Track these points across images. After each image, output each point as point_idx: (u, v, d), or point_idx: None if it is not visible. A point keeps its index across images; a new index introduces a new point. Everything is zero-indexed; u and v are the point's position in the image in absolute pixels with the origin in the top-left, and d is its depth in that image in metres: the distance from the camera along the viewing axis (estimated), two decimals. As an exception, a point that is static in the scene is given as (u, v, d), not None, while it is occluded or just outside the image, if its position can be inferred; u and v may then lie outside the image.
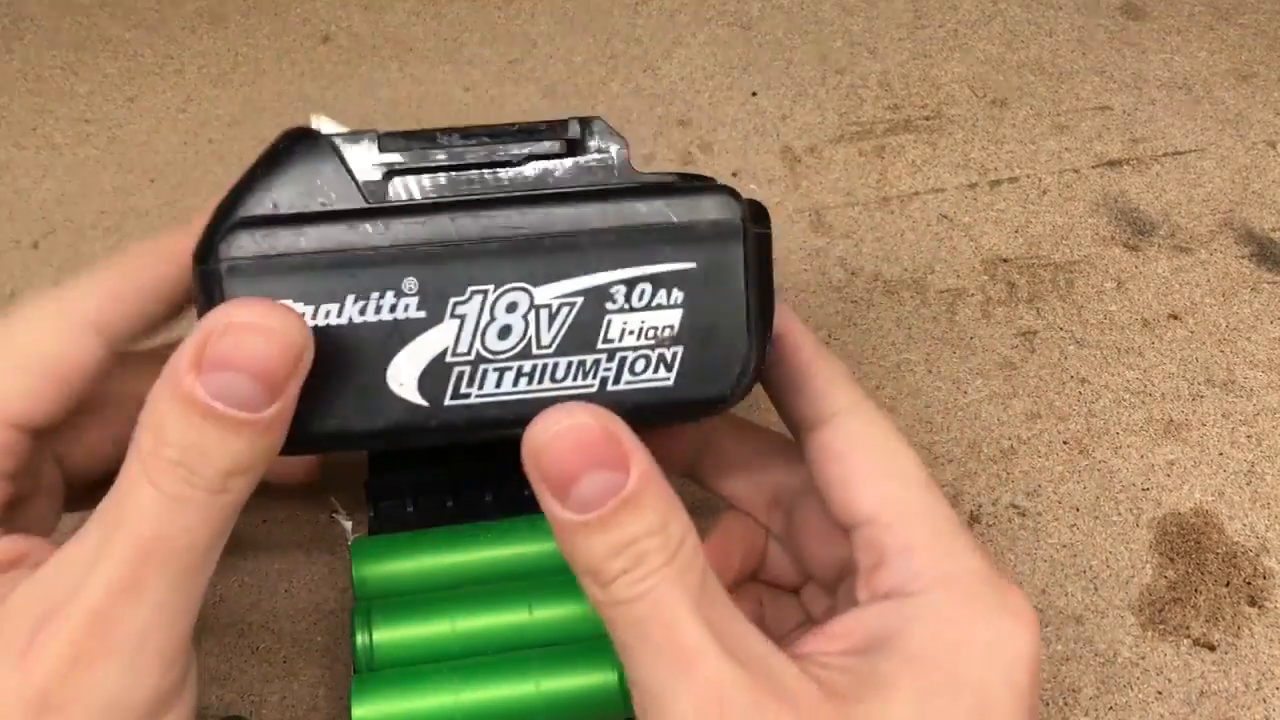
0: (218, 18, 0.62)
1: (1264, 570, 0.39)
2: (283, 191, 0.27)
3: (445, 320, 0.26)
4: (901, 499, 0.28)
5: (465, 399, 0.27)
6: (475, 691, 0.32)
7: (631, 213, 0.26)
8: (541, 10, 0.62)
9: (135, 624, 0.24)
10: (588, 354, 0.27)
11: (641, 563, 0.24)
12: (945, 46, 0.60)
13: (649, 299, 0.27)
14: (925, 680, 0.25)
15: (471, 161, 0.27)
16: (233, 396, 0.23)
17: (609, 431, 0.25)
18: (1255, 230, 0.50)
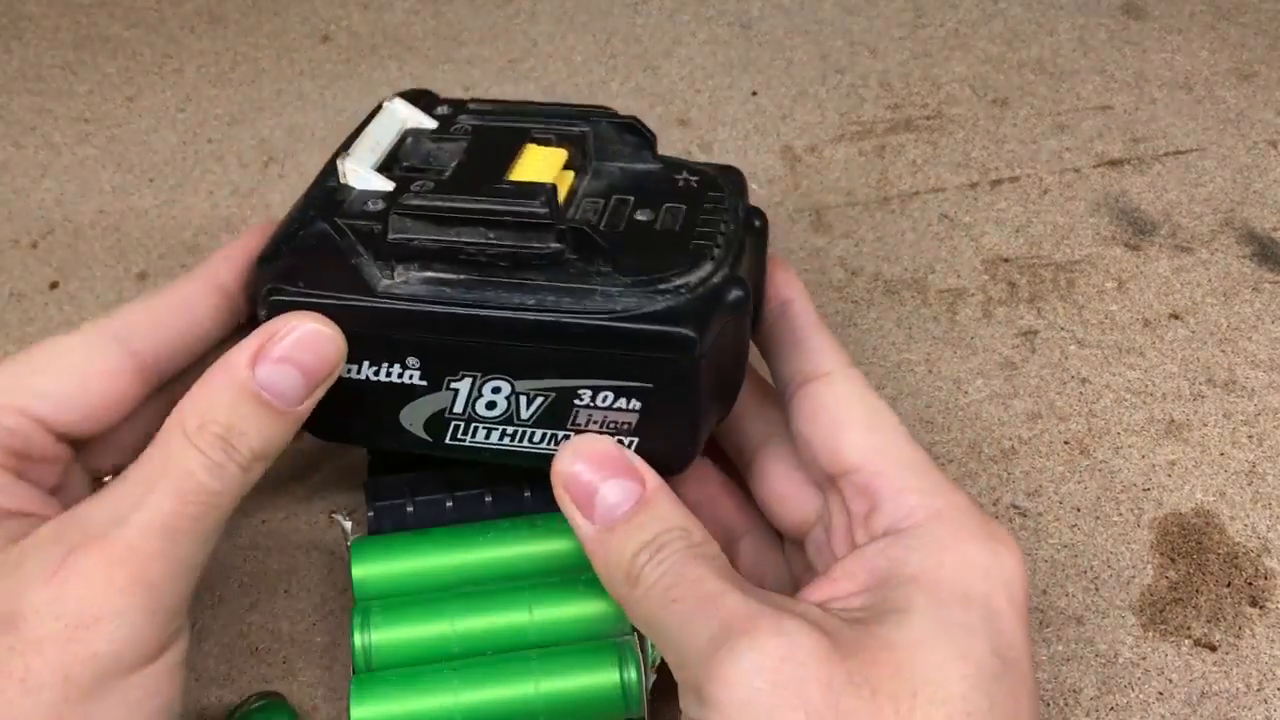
0: (217, 17, 0.62)
1: (1265, 570, 0.39)
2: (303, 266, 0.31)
3: (443, 390, 0.32)
4: (888, 448, 0.30)
5: (461, 442, 0.33)
6: (474, 692, 0.32)
7: (600, 340, 0.30)
8: (541, 10, 0.62)
9: (163, 565, 0.27)
10: (559, 429, 0.32)
11: (664, 550, 0.28)
12: (945, 46, 0.60)
13: (611, 402, 0.31)
14: (937, 599, 0.27)
15: (468, 260, 0.30)
16: (277, 389, 0.28)
17: (621, 451, 0.30)
18: (1256, 230, 0.50)
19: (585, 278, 0.30)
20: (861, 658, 0.25)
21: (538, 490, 0.37)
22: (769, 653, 0.25)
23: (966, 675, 0.26)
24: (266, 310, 0.31)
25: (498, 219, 0.30)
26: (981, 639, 0.26)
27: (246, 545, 0.40)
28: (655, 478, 0.29)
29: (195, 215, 0.52)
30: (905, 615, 0.26)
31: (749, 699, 0.25)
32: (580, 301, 0.30)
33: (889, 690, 0.25)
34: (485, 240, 0.30)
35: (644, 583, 0.28)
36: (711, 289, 0.30)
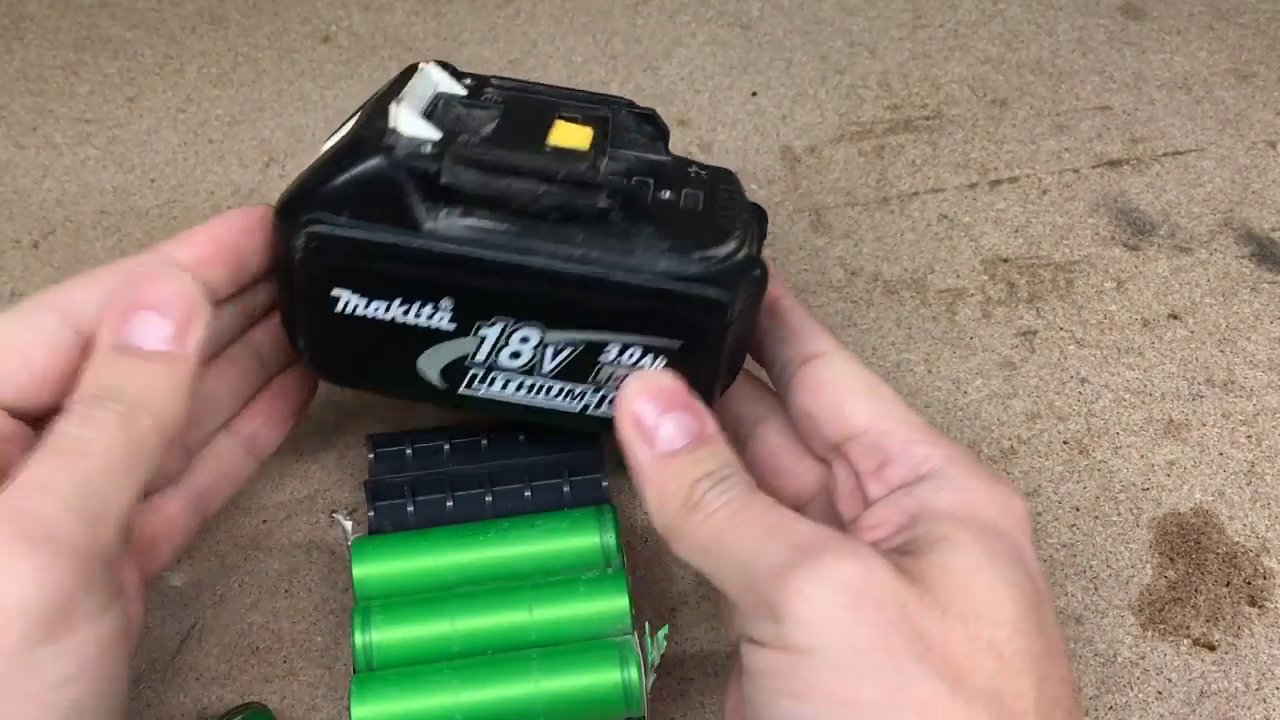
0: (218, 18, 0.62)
1: (1264, 570, 0.39)
2: (352, 196, 0.31)
3: (470, 336, 0.32)
4: (890, 411, 0.32)
5: (475, 392, 0.33)
6: (475, 691, 0.32)
7: (640, 295, 0.31)
8: (541, 10, 0.62)
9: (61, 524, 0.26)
10: (578, 384, 0.33)
11: (724, 482, 0.29)
12: (945, 46, 0.60)
13: (636, 359, 0.32)
14: (973, 531, 0.28)
15: (518, 209, 0.31)
16: (138, 336, 0.29)
17: (685, 389, 0.31)
18: (1255, 230, 0.50)
19: (626, 238, 0.31)
20: (926, 582, 0.27)
21: (538, 490, 0.37)
22: (849, 573, 0.26)
23: (1017, 600, 0.27)
24: (305, 239, 0.31)
25: (551, 174, 0.31)
26: (1018, 567, 0.28)
27: (247, 545, 0.40)
28: (713, 421, 0.31)
29: (196, 216, 0.52)
30: (952, 544, 0.28)
31: (830, 614, 0.26)
32: (624, 259, 0.31)
33: (958, 610, 0.26)
34: (538, 192, 0.31)
35: (705, 508, 0.29)
36: (739, 262, 0.32)
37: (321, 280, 0.32)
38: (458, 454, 0.38)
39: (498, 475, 0.37)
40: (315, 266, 0.31)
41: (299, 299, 0.33)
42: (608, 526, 0.36)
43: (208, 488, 0.36)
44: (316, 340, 0.33)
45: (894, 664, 0.25)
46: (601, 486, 0.37)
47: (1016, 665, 0.26)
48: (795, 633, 0.26)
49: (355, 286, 0.32)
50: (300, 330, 0.33)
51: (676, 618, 0.38)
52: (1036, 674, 0.26)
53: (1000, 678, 0.26)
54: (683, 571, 0.39)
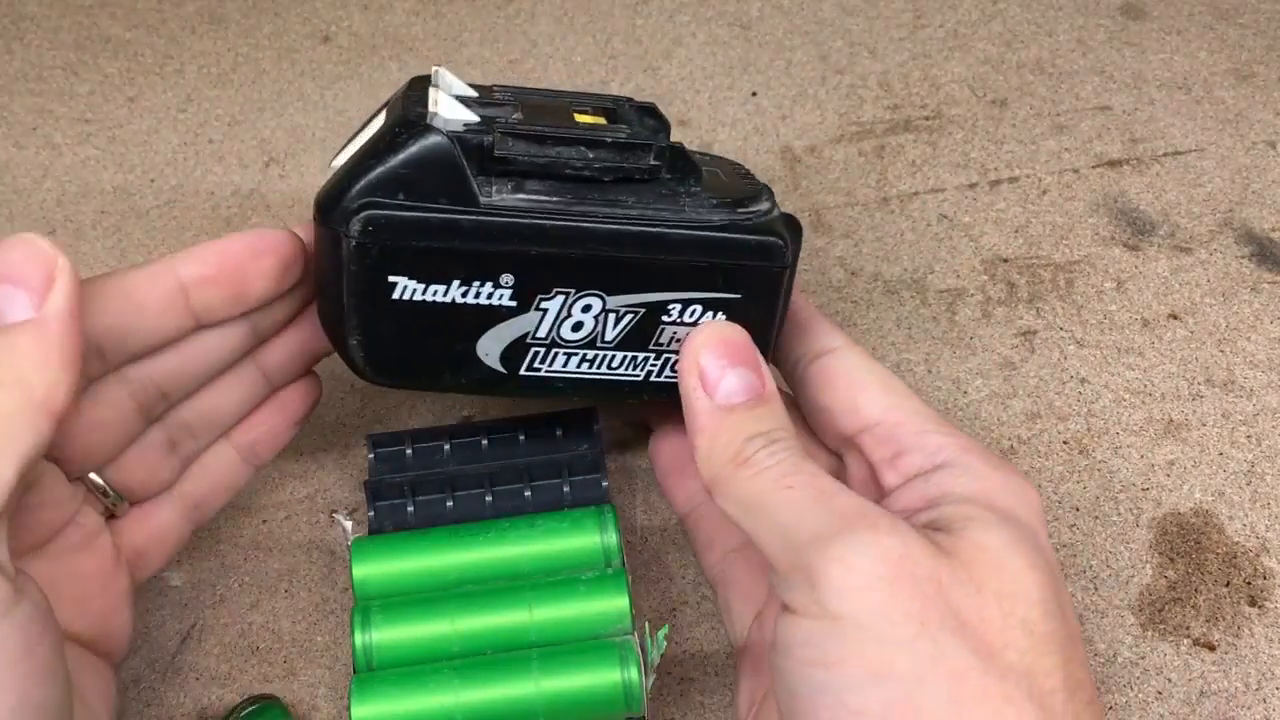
0: (218, 18, 0.62)
1: (1264, 570, 0.39)
2: (407, 176, 0.30)
3: (531, 311, 0.32)
4: (903, 403, 0.32)
5: (536, 372, 0.33)
6: (475, 691, 0.32)
7: (700, 248, 0.31)
8: (541, 10, 0.62)
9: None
10: (640, 351, 0.33)
11: (776, 443, 0.29)
12: (945, 46, 0.60)
13: (698, 316, 0.33)
14: (990, 512, 0.29)
15: (570, 175, 0.31)
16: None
17: (750, 344, 0.31)
18: (1255, 230, 0.50)
19: (676, 198, 0.32)
20: (960, 558, 0.27)
21: (538, 489, 0.37)
22: (888, 547, 0.27)
23: (1043, 583, 0.27)
24: (360, 226, 0.30)
25: (598, 139, 0.31)
26: (1038, 553, 0.28)
27: (247, 545, 0.40)
28: (773, 382, 0.31)
29: (196, 216, 0.52)
30: (979, 524, 0.28)
31: (867, 584, 0.26)
32: (678, 215, 0.32)
33: (993, 588, 0.27)
34: (589, 158, 0.31)
35: (755, 465, 0.29)
36: (779, 217, 0.33)
37: (377, 268, 0.31)
38: (458, 454, 0.38)
39: (497, 475, 0.37)
40: (371, 254, 0.30)
41: (353, 293, 0.31)
42: (608, 526, 0.36)
43: (202, 496, 0.36)
44: (372, 337, 0.32)
45: (929, 637, 0.26)
46: (601, 486, 0.37)
47: (1046, 645, 0.26)
48: (831, 599, 0.26)
49: (413, 271, 0.31)
50: (353, 328, 0.32)
51: (677, 617, 0.38)
52: (1063, 655, 0.27)
53: (1031, 655, 0.26)
54: (683, 571, 0.39)
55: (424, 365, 0.33)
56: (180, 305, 0.32)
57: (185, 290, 0.32)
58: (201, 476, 0.36)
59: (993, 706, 0.25)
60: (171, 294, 0.32)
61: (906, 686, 0.25)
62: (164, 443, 0.34)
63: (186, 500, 0.35)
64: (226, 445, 0.36)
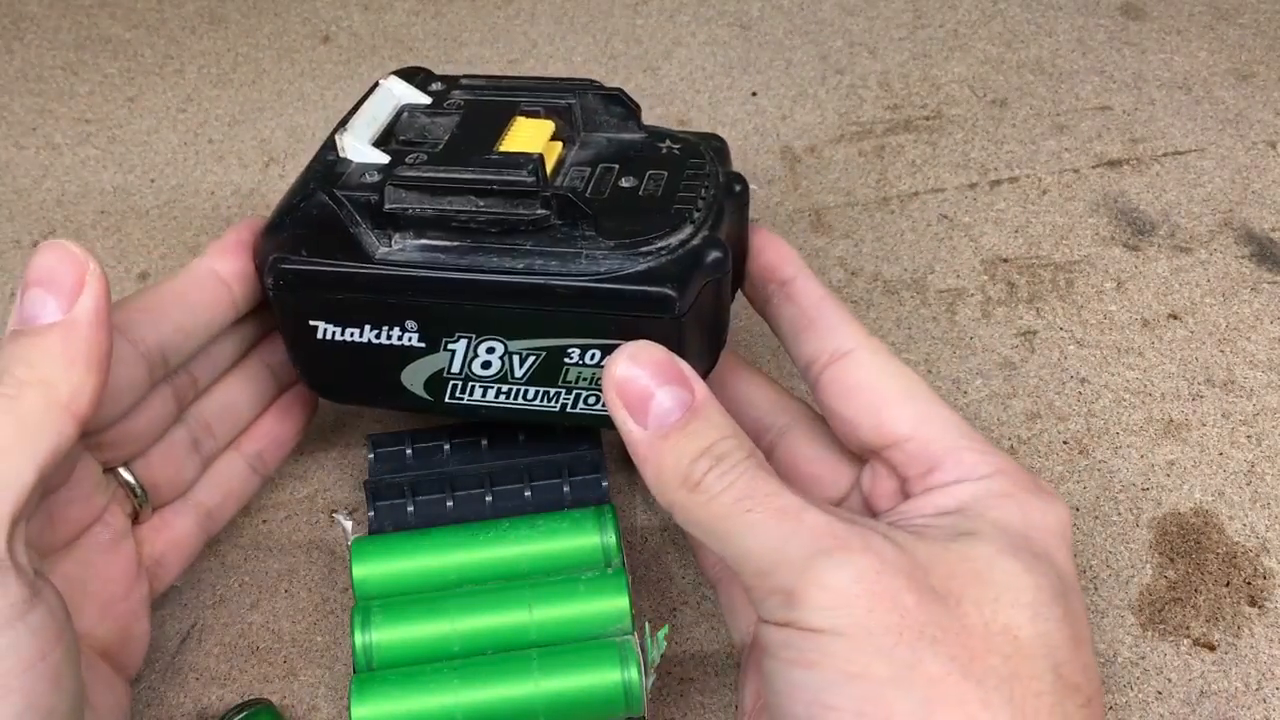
0: (218, 18, 0.62)
1: (1264, 570, 0.39)
2: (306, 234, 0.32)
3: (441, 351, 0.33)
4: (932, 415, 0.31)
5: (460, 400, 0.35)
6: (475, 691, 0.32)
7: (586, 299, 0.31)
8: (541, 10, 0.62)
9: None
10: (551, 386, 0.34)
11: (724, 459, 0.28)
12: (945, 46, 0.60)
13: (599, 359, 0.32)
14: (995, 523, 0.29)
15: (460, 226, 0.32)
16: (30, 312, 0.28)
17: (673, 358, 0.29)
18: (1255, 230, 0.50)
19: (571, 242, 0.31)
20: (941, 570, 0.27)
21: (538, 490, 0.37)
22: (865, 566, 0.26)
23: (1040, 586, 0.27)
24: (273, 277, 0.32)
25: (486, 188, 0.31)
26: (1043, 561, 0.28)
27: (247, 545, 0.40)
28: (704, 387, 0.29)
29: (196, 216, 0.52)
30: (976, 536, 0.28)
31: (846, 602, 0.26)
32: (566, 264, 0.31)
33: (973, 597, 0.27)
34: (475, 208, 0.32)
35: (707, 490, 0.28)
36: (691, 251, 0.31)
37: (297, 313, 0.33)
38: (458, 454, 0.38)
39: (498, 475, 0.37)
40: (288, 301, 0.33)
41: (285, 330, 0.34)
42: (608, 526, 0.36)
43: (215, 505, 0.37)
44: (308, 364, 0.35)
45: (907, 645, 0.26)
46: (602, 486, 0.37)
47: (1033, 649, 0.26)
48: (811, 617, 0.26)
49: (327, 317, 0.33)
50: (296, 359, 0.35)
51: (676, 617, 0.38)
52: (1054, 659, 0.27)
53: (1015, 660, 0.26)
54: (683, 571, 0.39)
55: (360, 391, 0.35)
56: (226, 300, 0.34)
57: (228, 285, 0.34)
58: (214, 486, 0.37)
59: (968, 710, 0.25)
60: (218, 291, 0.34)
61: (881, 688, 0.26)
62: (187, 441, 0.36)
63: (200, 509, 0.37)
64: (236, 455, 0.38)
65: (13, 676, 0.25)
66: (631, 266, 0.31)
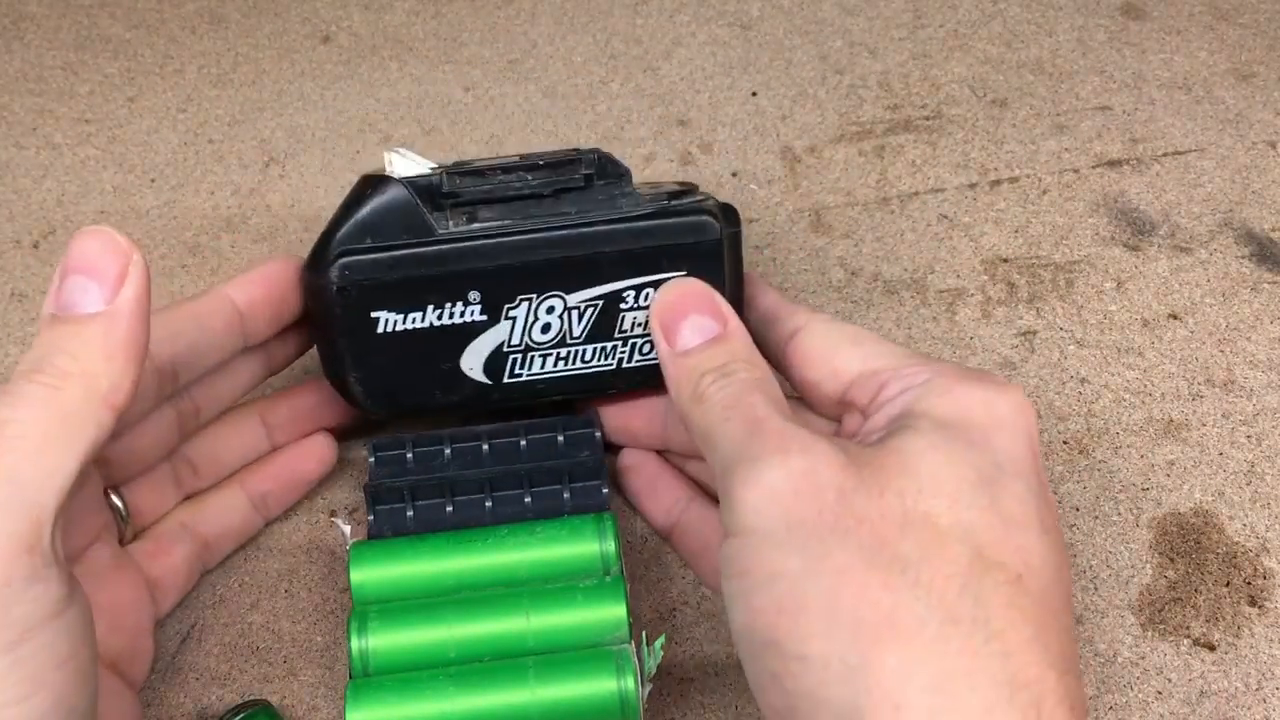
0: (218, 18, 0.62)
1: (1264, 570, 0.39)
2: (373, 223, 0.34)
3: (502, 321, 0.36)
4: (879, 351, 0.33)
5: (519, 377, 0.37)
6: (471, 698, 0.32)
7: (636, 236, 0.35)
8: (541, 10, 0.62)
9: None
10: (607, 341, 0.37)
11: (729, 375, 0.31)
12: (945, 46, 0.60)
13: (651, 299, 0.35)
14: (939, 418, 0.30)
15: (513, 195, 0.35)
16: (71, 299, 0.28)
17: (711, 293, 0.33)
18: (1255, 230, 0.50)
19: (612, 200, 0.36)
20: (873, 465, 0.28)
21: (538, 495, 0.37)
22: (794, 467, 0.28)
23: (963, 476, 0.28)
24: (338, 272, 0.34)
25: (535, 163, 0.35)
26: (984, 451, 0.29)
27: (247, 545, 0.40)
28: (736, 320, 0.33)
29: (196, 216, 0.52)
30: (910, 430, 0.29)
31: (770, 499, 0.28)
32: (614, 212, 0.35)
33: (896, 487, 0.28)
34: (526, 180, 0.35)
35: (707, 399, 0.31)
36: (712, 203, 0.36)
37: (360, 307, 0.35)
38: (458, 458, 0.38)
39: (498, 480, 0.37)
40: (352, 295, 0.34)
41: (342, 332, 0.35)
42: (607, 534, 0.36)
43: (213, 540, 0.37)
44: (365, 370, 0.36)
45: (818, 538, 0.27)
46: (602, 493, 0.37)
47: (950, 534, 0.27)
48: (741, 518, 0.28)
49: (390, 304, 0.35)
50: (349, 366, 0.36)
51: (676, 618, 0.38)
52: (974, 542, 0.27)
53: (928, 545, 0.27)
54: (683, 572, 0.39)
55: (417, 389, 0.36)
56: (237, 328, 0.35)
57: (241, 314, 0.35)
58: (215, 520, 0.37)
59: (870, 595, 0.26)
60: (231, 318, 0.35)
61: (794, 582, 0.27)
62: (170, 474, 0.37)
63: (198, 540, 0.37)
64: (241, 492, 0.38)
65: (46, 672, 0.25)
66: (670, 208, 0.35)
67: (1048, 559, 0.28)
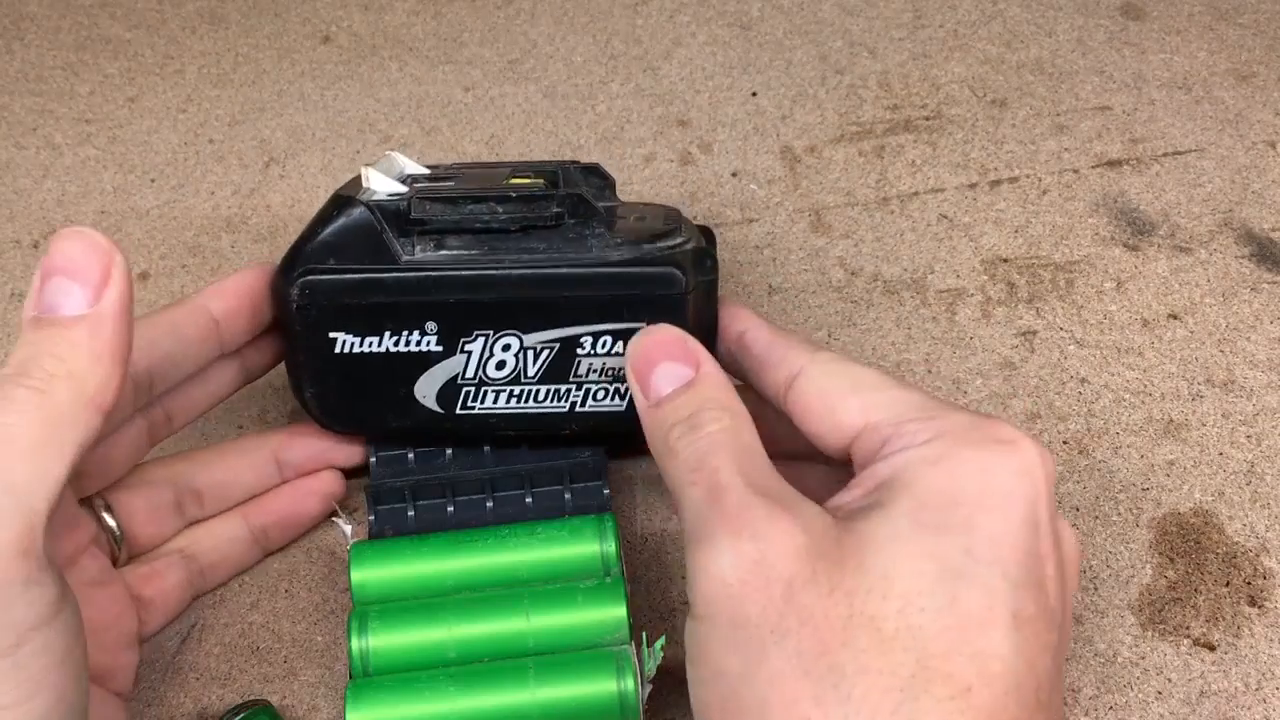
0: (218, 18, 0.62)
1: (1264, 570, 0.39)
2: (337, 244, 0.34)
3: (457, 354, 0.35)
4: (879, 399, 0.31)
5: (471, 410, 0.36)
6: (471, 699, 0.32)
7: (599, 283, 0.34)
8: (541, 10, 0.62)
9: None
10: (562, 384, 0.36)
11: (697, 428, 0.30)
12: (945, 47, 0.60)
13: (610, 348, 0.35)
14: (917, 494, 0.28)
15: (480, 228, 0.34)
16: (53, 302, 0.28)
17: (683, 338, 0.32)
18: (1255, 230, 0.50)
19: (582, 240, 0.35)
20: (831, 556, 0.27)
21: (539, 496, 0.37)
22: (744, 552, 0.27)
23: (925, 573, 0.26)
24: (299, 290, 0.34)
25: (505, 195, 0.35)
26: (956, 536, 0.27)
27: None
28: (711, 363, 0.32)
29: (196, 216, 0.52)
30: (881, 512, 0.28)
31: (721, 590, 0.27)
32: (581, 255, 0.34)
33: (847, 586, 0.26)
34: (494, 213, 0.34)
35: (676, 454, 0.30)
36: (688, 250, 0.35)
37: (318, 326, 0.35)
38: (459, 458, 0.38)
39: (499, 481, 0.37)
40: (311, 313, 0.34)
41: (301, 349, 0.35)
42: (608, 535, 0.36)
43: (208, 566, 0.37)
44: (321, 386, 0.36)
45: (758, 640, 0.26)
46: (603, 493, 0.37)
47: (895, 642, 0.25)
48: (696, 604, 0.28)
49: (349, 327, 0.35)
50: (305, 379, 0.36)
51: (676, 619, 0.38)
52: (921, 651, 0.25)
53: (869, 655, 0.25)
54: (682, 572, 0.39)
55: (370, 411, 0.36)
56: (213, 336, 0.35)
57: (217, 323, 0.35)
58: (213, 548, 0.37)
59: (799, 711, 0.25)
60: (207, 326, 0.35)
61: (733, 684, 0.26)
62: (172, 503, 0.36)
63: (193, 566, 0.37)
64: (242, 523, 0.38)
65: (47, 672, 0.26)
66: (640, 255, 0.34)
67: (1013, 661, 0.26)
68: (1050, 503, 0.28)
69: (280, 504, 0.38)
